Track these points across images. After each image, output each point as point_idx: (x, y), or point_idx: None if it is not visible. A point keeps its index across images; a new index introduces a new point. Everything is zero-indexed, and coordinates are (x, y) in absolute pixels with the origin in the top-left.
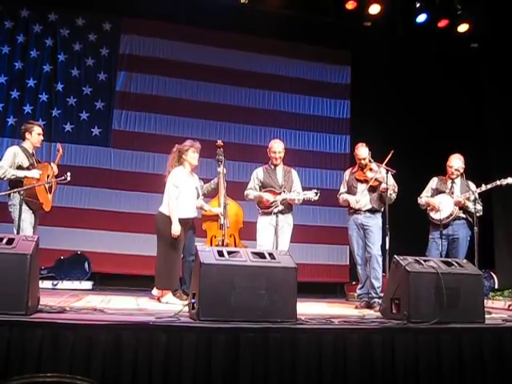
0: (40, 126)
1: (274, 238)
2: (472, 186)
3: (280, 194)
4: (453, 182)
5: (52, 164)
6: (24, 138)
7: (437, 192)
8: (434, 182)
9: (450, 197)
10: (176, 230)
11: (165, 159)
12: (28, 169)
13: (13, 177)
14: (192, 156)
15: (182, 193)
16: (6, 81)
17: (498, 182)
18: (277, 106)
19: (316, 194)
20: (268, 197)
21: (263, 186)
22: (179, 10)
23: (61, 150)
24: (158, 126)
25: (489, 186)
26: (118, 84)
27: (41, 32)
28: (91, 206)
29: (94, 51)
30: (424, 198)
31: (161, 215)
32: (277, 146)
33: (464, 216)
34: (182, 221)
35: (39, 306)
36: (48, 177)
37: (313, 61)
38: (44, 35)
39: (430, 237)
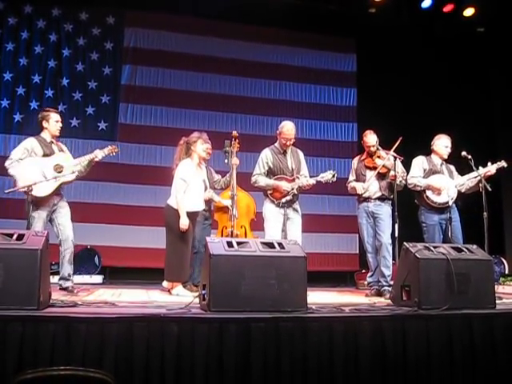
0: (57, 112)
1: (285, 227)
2: (454, 168)
3: (294, 180)
4: (442, 164)
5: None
6: (42, 128)
7: (431, 172)
8: (424, 162)
9: (448, 177)
10: (184, 223)
11: (172, 152)
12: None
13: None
14: (201, 147)
15: (189, 186)
16: (11, 77)
17: (495, 165)
18: (283, 95)
19: (333, 175)
20: (285, 186)
21: (272, 172)
22: (182, 2)
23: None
24: (164, 119)
25: (493, 167)
26: (123, 77)
27: (44, 27)
28: (99, 200)
29: (98, 45)
30: (420, 178)
31: (169, 208)
32: (290, 133)
33: None
34: (189, 214)
35: (51, 301)
36: (57, 166)
37: (318, 49)
38: (48, 31)
39: (430, 222)
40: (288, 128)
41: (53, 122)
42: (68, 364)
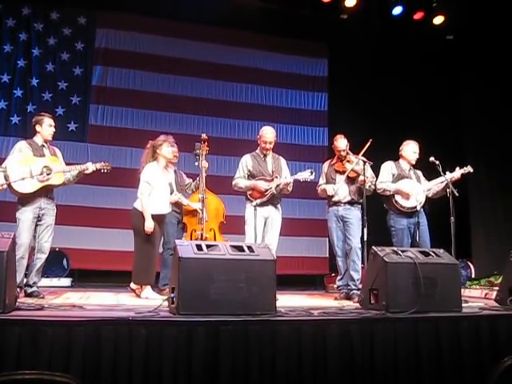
0: (51, 117)
1: (263, 229)
2: (421, 174)
3: (272, 180)
4: (410, 169)
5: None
6: (35, 132)
7: (399, 177)
8: (392, 167)
9: (417, 182)
10: (149, 226)
11: (141, 154)
12: None
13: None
14: (166, 150)
15: (154, 189)
16: None
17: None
18: (254, 99)
19: (312, 173)
20: (262, 184)
21: (252, 175)
22: (155, 4)
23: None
24: (136, 121)
25: (460, 172)
26: (94, 78)
27: (14, 26)
28: (68, 202)
29: (69, 46)
30: (389, 183)
31: (135, 211)
32: (268, 136)
33: None
34: (155, 216)
35: (17, 304)
36: (45, 168)
37: (290, 54)
38: (17, 30)
39: (398, 227)
40: (267, 132)
41: (46, 127)
42: (34, 368)
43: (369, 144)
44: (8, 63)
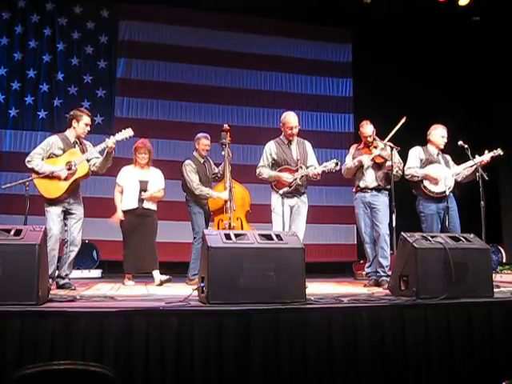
0: (89, 115)
1: (290, 218)
2: (450, 158)
3: (297, 170)
4: (438, 154)
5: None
6: (70, 125)
7: (427, 162)
8: (420, 152)
9: (445, 167)
10: (115, 216)
11: (167, 145)
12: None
13: (40, 170)
14: (137, 156)
15: (125, 188)
16: (6, 72)
17: (491, 153)
18: (279, 87)
19: (337, 163)
20: (287, 177)
21: (277, 164)
22: None
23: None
24: (161, 112)
25: (489, 155)
26: (119, 71)
27: (38, 22)
28: (97, 194)
29: (92, 39)
30: (417, 169)
31: None
32: (293, 121)
33: None
34: (125, 212)
35: (49, 296)
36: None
37: (313, 40)
38: (42, 25)
39: (428, 212)
40: (290, 117)
41: (82, 124)
42: (68, 358)
43: (402, 122)
44: (34, 59)
